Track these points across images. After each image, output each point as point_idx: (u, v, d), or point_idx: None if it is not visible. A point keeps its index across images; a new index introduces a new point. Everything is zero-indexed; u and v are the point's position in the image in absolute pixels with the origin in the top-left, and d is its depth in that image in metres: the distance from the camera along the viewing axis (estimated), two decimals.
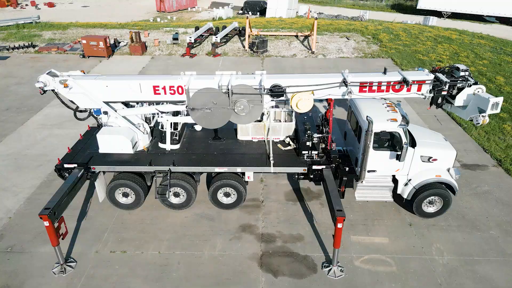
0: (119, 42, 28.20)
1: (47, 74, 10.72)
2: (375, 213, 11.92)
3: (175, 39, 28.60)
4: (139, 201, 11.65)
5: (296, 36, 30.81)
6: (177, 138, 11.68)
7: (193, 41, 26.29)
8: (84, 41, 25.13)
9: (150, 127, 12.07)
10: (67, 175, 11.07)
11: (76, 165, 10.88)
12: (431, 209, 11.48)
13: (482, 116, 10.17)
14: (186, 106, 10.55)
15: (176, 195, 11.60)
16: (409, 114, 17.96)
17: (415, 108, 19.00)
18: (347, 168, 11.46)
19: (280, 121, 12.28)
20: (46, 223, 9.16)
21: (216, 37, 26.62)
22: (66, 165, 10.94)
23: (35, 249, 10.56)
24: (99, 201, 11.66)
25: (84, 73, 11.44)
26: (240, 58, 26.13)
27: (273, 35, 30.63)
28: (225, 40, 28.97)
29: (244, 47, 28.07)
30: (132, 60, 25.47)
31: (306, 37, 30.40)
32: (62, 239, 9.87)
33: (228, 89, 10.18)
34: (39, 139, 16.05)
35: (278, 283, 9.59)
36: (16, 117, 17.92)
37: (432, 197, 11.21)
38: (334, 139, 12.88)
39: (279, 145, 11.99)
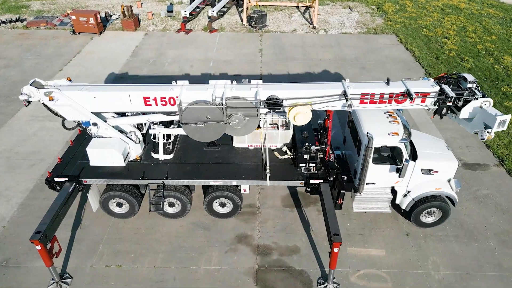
0: (111, 16, 26.86)
1: (31, 85, 10.15)
2: (373, 221, 11.80)
3: (170, 11, 27.20)
4: (134, 211, 11.50)
5: (297, 7, 29.33)
6: (170, 147, 11.30)
7: (188, 15, 25.00)
8: (73, 17, 23.88)
9: (142, 134, 11.64)
10: (58, 187, 10.81)
11: (67, 179, 10.59)
12: (429, 220, 11.35)
13: (488, 132, 9.72)
14: (179, 120, 10.08)
15: (171, 205, 11.42)
16: None
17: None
18: (345, 177, 11.22)
19: (277, 127, 11.81)
20: (38, 247, 9.04)
21: (213, 11, 25.31)
22: (56, 179, 10.64)
23: (31, 263, 10.54)
24: (93, 211, 11.51)
25: (71, 80, 10.86)
26: (238, 34, 25.00)
27: (272, 6, 29.16)
28: (222, 12, 27.58)
29: (242, 20, 26.78)
30: (125, 37, 24.38)
31: (308, 8, 28.94)
32: (56, 257, 9.81)
33: (222, 104, 9.66)
34: (31, 133, 15.63)
35: None
36: (6, 107, 17.36)
37: (431, 209, 11.03)
38: (333, 133, 12.56)
39: (276, 153, 11.64)
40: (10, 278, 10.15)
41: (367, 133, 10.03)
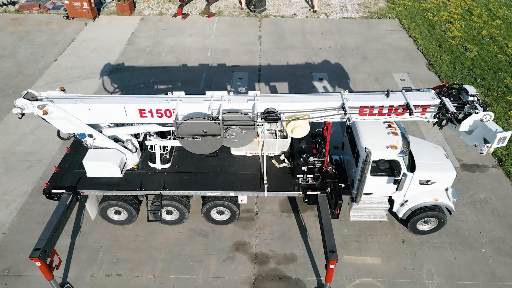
0: None
1: (23, 97, 9.97)
2: (370, 227, 11.90)
3: None
4: (132, 218, 11.58)
5: None
6: (167, 156, 11.23)
7: None
8: (66, 1, 23.15)
9: (139, 141, 11.54)
10: (56, 197, 10.83)
11: (64, 190, 10.59)
12: (425, 227, 11.45)
13: (487, 146, 9.63)
14: (175, 134, 9.96)
15: (169, 212, 11.49)
16: None
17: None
18: (343, 185, 11.24)
19: (275, 134, 11.64)
20: (38, 264, 9.16)
21: None
22: (54, 191, 10.64)
23: (32, 272, 10.71)
24: (91, 218, 11.59)
25: (64, 90, 10.64)
26: (236, 19, 24.31)
27: None
28: None
29: (240, 3, 25.98)
30: (120, 23, 23.71)
31: None
32: (57, 269, 9.97)
33: (218, 118, 9.50)
34: (27, 132, 15.51)
35: None
36: (1, 102, 17.14)
37: (427, 218, 11.10)
38: (333, 131, 12.51)
39: (273, 161, 11.58)
40: None
41: (365, 148, 9.94)
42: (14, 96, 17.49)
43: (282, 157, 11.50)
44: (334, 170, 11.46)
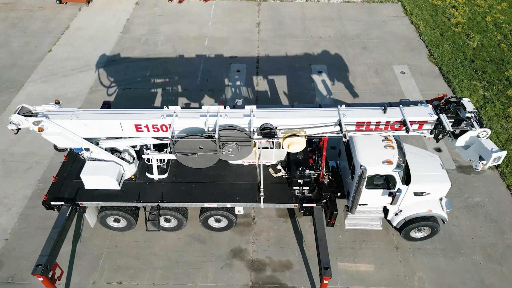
0: None
1: (18, 113, 9.90)
2: (364, 233, 12.14)
3: None
4: (131, 225, 11.79)
5: None
6: (164, 167, 11.28)
7: None
8: None
9: (136, 150, 11.56)
10: (55, 208, 10.99)
11: (63, 203, 10.73)
12: (418, 235, 11.68)
13: (482, 163, 9.68)
14: (171, 150, 9.96)
15: (167, 220, 11.69)
16: (411, 91, 17.11)
17: (418, 83, 17.87)
18: (338, 193, 11.39)
19: (272, 143, 11.61)
20: (41, 279, 9.43)
21: None
22: (53, 203, 10.77)
23: (35, 280, 10.84)
24: (91, 226, 11.80)
25: (59, 103, 10.54)
26: (234, 3, 23.62)
27: None
28: None
29: None
30: (115, 7, 23.04)
31: None
32: (59, 280, 10.26)
33: (214, 136, 9.47)
34: (24, 131, 15.04)
35: None
36: None
37: (421, 227, 11.32)
38: None
39: (270, 170, 11.65)
40: None
41: (361, 165, 9.99)
42: (9, 91, 17.34)
43: (279, 166, 11.56)
44: (330, 177, 11.58)
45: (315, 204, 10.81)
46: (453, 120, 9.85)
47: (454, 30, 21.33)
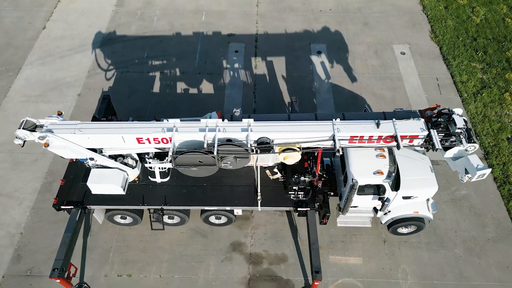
0: None
1: (23, 128, 10.22)
2: (355, 227, 12.96)
3: None
4: (137, 222, 12.59)
5: None
6: (166, 171, 11.81)
7: None
8: None
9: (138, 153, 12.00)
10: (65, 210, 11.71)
11: (72, 207, 11.42)
12: (404, 231, 12.53)
13: (468, 177, 10.21)
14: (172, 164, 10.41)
15: (171, 217, 12.46)
16: (410, 74, 17.10)
17: (418, 65, 17.79)
18: (331, 193, 12.07)
19: None
20: (58, 281, 10.40)
21: None
22: (63, 207, 11.46)
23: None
24: (99, 223, 12.60)
25: (61, 114, 10.80)
26: None
27: None
28: None
29: None
30: None
31: None
32: (74, 276, 11.27)
33: (213, 151, 9.88)
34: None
35: None
36: None
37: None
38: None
39: (267, 172, 12.20)
40: None
41: (352, 178, 10.52)
42: (7, 75, 17.32)
43: (276, 169, 12.09)
44: (324, 176, 12.19)
45: (309, 208, 11.49)
46: (443, 135, 10.21)
47: (459, 2, 20.67)
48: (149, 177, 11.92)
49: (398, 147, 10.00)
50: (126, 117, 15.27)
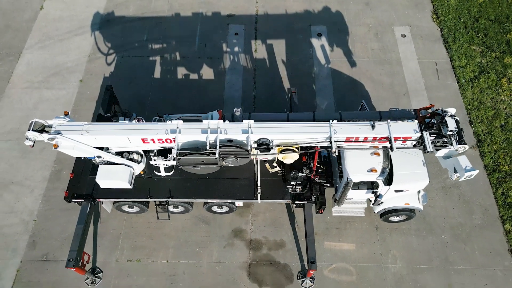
0: None
1: (32, 129, 10.65)
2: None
3: None
4: (144, 210, 13.32)
5: None
6: (170, 166, 12.35)
7: None
8: None
9: None
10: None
11: (83, 200, 12.10)
12: (395, 219, 13.29)
13: (457, 176, 10.80)
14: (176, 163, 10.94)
15: (175, 207, 13.19)
16: (409, 58, 17.22)
17: (417, 49, 17.82)
18: (328, 184, 12.71)
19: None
20: (73, 270, 11.29)
21: None
22: (74, 200, 12.14)
23: (66, 258, 12.96)
24: (108, 212, 13.34)
25: (68, 114, 11.18)
26: None
27: None
28: None
29: None
30: None
31: None
32: (87, 263, 12.17)
33: (215, 152, 10.38)
34: (31, 106, 16.10)
35: None
36: None
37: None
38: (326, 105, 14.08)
39: (266, 165, 12.75)
40: (53, 272, 12.73)
41: (347, 177, 11.10)
42: (8, 59, 17.41)
43: (275, 163, 12.63)
44: (322, 167, 12.77)
45: (306, 202, 12.16)
46: (435, 136, 10.66)
47: None
48: (154, 171, 12.49)
49: (391, 148, 10.49)
50: (129, 104, 15.69)
